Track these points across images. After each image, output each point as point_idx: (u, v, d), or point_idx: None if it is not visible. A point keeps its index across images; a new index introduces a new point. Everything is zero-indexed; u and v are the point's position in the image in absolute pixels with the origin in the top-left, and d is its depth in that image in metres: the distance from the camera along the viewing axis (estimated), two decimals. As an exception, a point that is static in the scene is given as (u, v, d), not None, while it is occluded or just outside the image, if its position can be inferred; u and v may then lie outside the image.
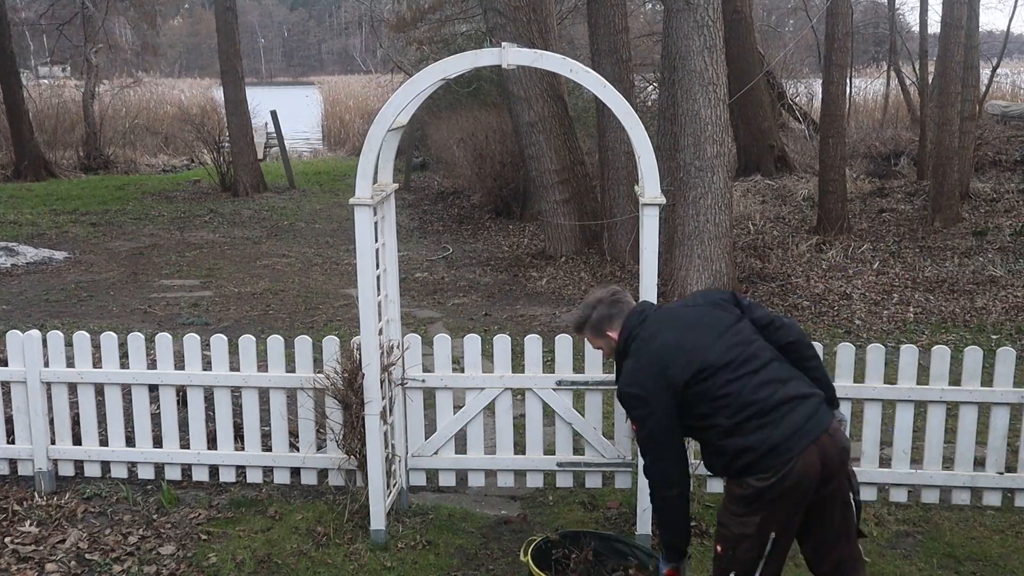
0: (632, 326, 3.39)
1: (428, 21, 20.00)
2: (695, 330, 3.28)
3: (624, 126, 4.25)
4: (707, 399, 3.18)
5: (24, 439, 5.31)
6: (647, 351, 3.27)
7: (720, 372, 3.17)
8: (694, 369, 3.18)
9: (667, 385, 3.19)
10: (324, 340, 5.04)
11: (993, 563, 4.50)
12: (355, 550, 4.60)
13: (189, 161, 22.38)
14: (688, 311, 3.38)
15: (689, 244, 9.03)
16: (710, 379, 3.17)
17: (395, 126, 4.56)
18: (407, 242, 12.85)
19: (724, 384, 3.16)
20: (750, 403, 3.14)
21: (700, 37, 8.66)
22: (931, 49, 16.40)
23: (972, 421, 4.95)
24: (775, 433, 3.10)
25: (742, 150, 15.88)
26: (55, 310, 9.30)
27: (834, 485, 3.21)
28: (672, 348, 3.24)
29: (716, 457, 3.25)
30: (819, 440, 3.12)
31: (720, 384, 3.16)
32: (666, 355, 3.23)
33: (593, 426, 4.95)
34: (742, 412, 3.13)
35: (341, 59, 75.38)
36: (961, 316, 8.77)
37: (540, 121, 11.34)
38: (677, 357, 3.21)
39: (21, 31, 26.32)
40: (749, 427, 3.12)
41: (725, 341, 3.24)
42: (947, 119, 12.32)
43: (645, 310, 3.45)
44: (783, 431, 3.10)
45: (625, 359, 3.37)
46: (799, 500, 3.13)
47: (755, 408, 3.13)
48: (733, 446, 3.15)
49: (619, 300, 3.50)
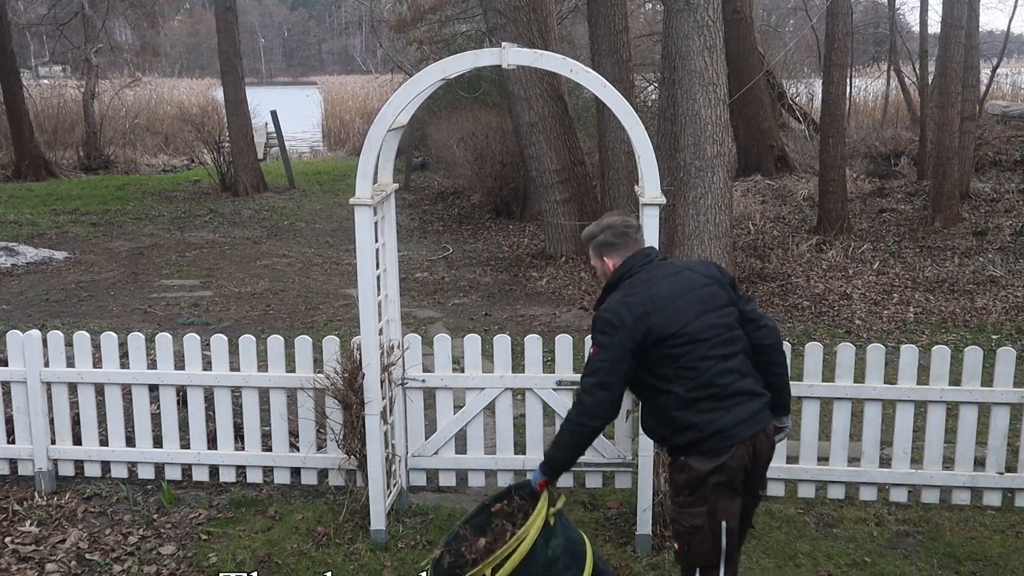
0: (633, 264, 3.42)
1: (428, 21, 20.00)
2: (690, 296, 3.32)
3: (624, 126, 4.26)
4: (673, 364, 3.25)
5: (24, 439, 5.31)
6: (640, 292, 3.30)
7: (696, 345, 3.24)
8: (674, 330, 3.24)
9: (643, 331, 3.23)
10: (324, 340, 5.04)
11: (993, 563, 4.50)
12: (355, 550, 4.60)
13: (189, 161, 22.38)
14: (691, 276, 3.39)
15: (689, 244, 9.02)
16: (684, 347, 3.24)
17: (395, 126, 4.56)
18: (407, 242, 12.85)
19: (696, 358, 3.24)
20: (711, 384, 3.23)
21: (700, 37, 8.66)
22: (931, 49, 16.40)
23: (972, 421, 4.95)
24: (723, 419, 3.22)
25: (742, 150, 15.87)
26: (55, 310, 9.30)
27: (753, 479, 3.35)
28: (664, 301, 3.28)
29: (662, 425, 3.34)
30: (756, 436, 3.27)
31: (692, 356, 3.24)
32: (656, 304, 3.27)
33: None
34: (701, 390, 3.23)
35: (341, 59, 75.36)
36: (961, 316, 8.77)
37: (540, 121, 11.35)
38: (665, 311, 3.26)
39: (21, 31, 26.30)
40: (703, 406, 3.23)
41: (711, 319, 3.30)
42: (947, 119, 12.32)
43: (651, 255, 3.47)
44: (731, 419, 3.22)
45: (614, 291, 3.39)
46: (736, 487, 3.26)
47: (714, 390, 3.23)
48: (682, 419, 3.25)
49: (627, 232, 3.50)
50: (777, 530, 4.80)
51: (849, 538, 4.73)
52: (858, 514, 4.97)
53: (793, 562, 4.52)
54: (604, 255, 3.50)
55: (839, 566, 4.48)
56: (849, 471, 5.04)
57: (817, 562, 4.51)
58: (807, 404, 5.00)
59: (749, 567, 4.46)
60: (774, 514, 4.95)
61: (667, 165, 9.03)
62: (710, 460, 3.21)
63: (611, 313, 3.27)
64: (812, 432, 5.03)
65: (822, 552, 4.60)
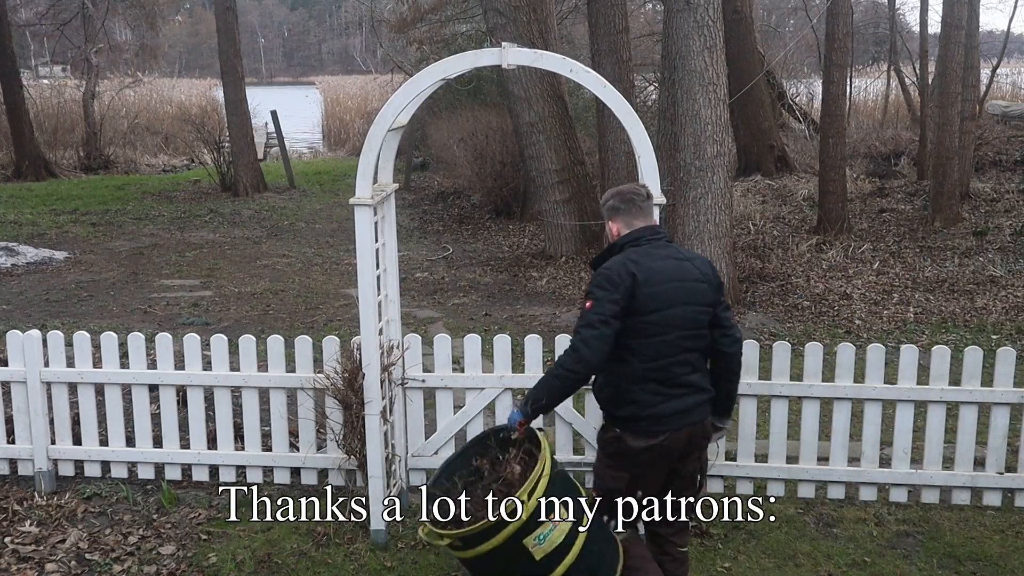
0: (641, 236, 3.59)
1: (428, 21, 19.99)
2: (680, 284, 3.51)
3: (624, 126, 4.26)
4: (642, 338, 3.45)
5: (24, 439, 5.31)
6: (640, 262, 3.48)
7: (666, 329, 3.46)
8: (653, 307, 3.44)
9: (634, 297, 3.42)
10: (324, 340, 5.04)
11: (993, 563, 4.50)
12: (355, 550, 4.60)
13: (189, 161, 22.39)
14: (688, 268, 3.56)
15: (689, 244, 9.02)
16: (655, 326, 3.45)
17: (395, 126, 4.56)
18: (407, 242, 12.85)
19: (660, 341, 3.46)
20: (665, 369, 3.47)
21: (700, 37, 8.66)
22: (931, 49, 16.41)
23: (972, 421, 4.95)
24: (663, 405, 3.47)
25: (742, 150, 15.88)
26: (55, 310, 9.30)
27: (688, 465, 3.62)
28: (657, 278, 3.47)
29: (610, 388, 3.55)
30: (693, 427, 3.54)
31: (658, 338, 3.46)
32: (650, 279, 3.45)
33: (593, 426, 4.93)
34: (654, 372, 3.46)
35: (341, 59, 75.36)
36: (961, 316, 8.77)
37: (540, 121, 11.35)
38: (653, 287, 3.45)
39: (21, 31, 26.30)
40: (649, 388, 3.46)
41: (688, 311, 3.50)
42: (947, 119, 12.32)
43: (660, 233, 3.64)
44: (670, 407, 3.48)
45: (617, 254, 3.57)
46: (662, 467, 3.57)
47: (664, 375, 3.47)
48: (628, 392, 3.49)
49: (633, 199, 3.66)
50: (777, 530, 4.80)
51: (849, 538, 4.73)
52: (858, 514, 4.97)
53: (793, 562, 4.52)
54: (611, 219, 3.69)
55: (839, 566, 4.48)
56: (849, 471, 5.04)
57: (817, 562, 4.51)
58: (807, 404, 5.00)
59: (749, 567, 4.47)
60: (774, 514, 4.95)
61: (667, 165, 9.03)
62: (643, 439, 3.47)
63: (612, 271, 3.46)
64: (812, 432, 5.03)
65: (822, 552, 4.60)
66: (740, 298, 9.28)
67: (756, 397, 4.99)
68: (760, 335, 8.18)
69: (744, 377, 4.91)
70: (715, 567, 4.46)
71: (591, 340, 3.39)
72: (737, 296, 9.23)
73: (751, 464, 5.08)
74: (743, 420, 5.03)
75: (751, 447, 5.07)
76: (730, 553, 4.58)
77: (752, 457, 5.08)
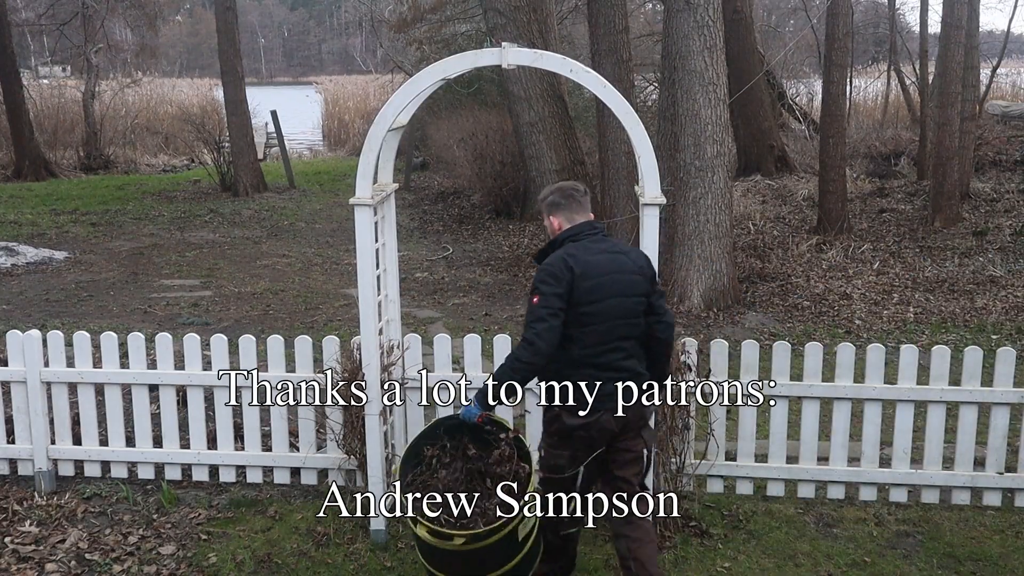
0: (580, 231, 3.86)
1: (428, 21, 20.00)
2: (616, 276, 3.76)
3: (624, 126, 4.26)
4: (580, 327, 3.70)
5: (24, 439, 5.31)
6: (580, 258, 3.73)
7: (603, 318, 3.71)
8: (591, 299, 3.69)
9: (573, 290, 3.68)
10: (324, 340, 5.04)
11: (993, 563, 4.50)
12: (355, 550, 4.60)
13: (189, 161, 22.38)
14: (623, 261, 3.82)
15: (689, 244, 9.03)
16: (595, 316, 3.69)
17: (395, 126, 4.56)
18: (407, 242, 12.85)
19: (597, 329, 3.70)
20: (601, 355, 3.72)
21: (700, 37, 8.66)
22: (931, 49, 16.41)
23: (972, 421, 4.95)
24: (599, 389, 3.70)
25: (742, 150, 15.87)
26: (55, 310, 9.30)
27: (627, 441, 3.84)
28: (595, 271, 3.72)
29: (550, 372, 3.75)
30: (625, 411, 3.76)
31: (595, 326, 3.70)
32: (588, 272, 3.70)
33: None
34: (591, 358, 3.71)
35: (341, 59, 75.36)
36: (961, 316, 8.77)
37: (540, 121, 11.35)
38: (591, 279, 3.70)
39: (21, 31, 26.30)
40: (586, 372, 3.71)
41: (625, 303, 3.75)
42: (947, 119, 12.32)
43: (598, 229, 3.90)
44: (604, 390, 3.71)
45: (558, 249, 3.82)
46: (598, 445, 3.79)
47: (600, 360, 3.72)
48: (566, 373, 3.72)
49: (572, 195, 3.92)
50: (777, 530, 4.81)
51: (849, 538, 4.73)
52: (858, 514, 4.97)
53: (793, 562, 4.52)
54: (551, 214, 3.95)
55: (839, 566, 4.48)
56: (849, 471, 5.04)
57: (817, 562, 4.51)
58: (807, 404, 5.00)
59: (749, 567, 4.47)
60: (774, 514, 4.95)
61: (667, 165, 9.03)
62: (578, 418, 3.72)
63: (554, 267, 3.71)
64: (812, 432, 5.03)
65: (822, 552, 4.60)
66: (740, 298, 9.28)
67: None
68: (760, 335, 8.18)
69: (744, 377, 4.93)
70: (715, 567, 4.46)
71: (544, 333, 3.62)
72: (737, 296, 9.23)
73: (751, 464, 5.08)
74: (743, 420, 5.03)
75: (751, 447, 5.07)
76: (730, 553, 4.58)
77: (752, 457, 5.08)
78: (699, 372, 4.77)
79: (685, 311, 8.89)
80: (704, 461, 4.90)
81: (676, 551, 4.59)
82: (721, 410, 4.95)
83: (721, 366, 4.92)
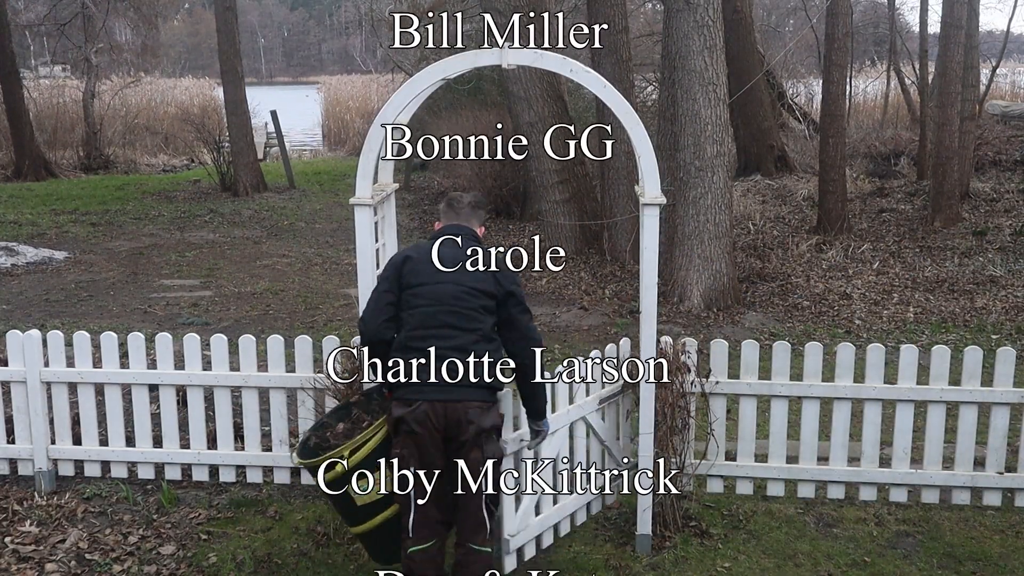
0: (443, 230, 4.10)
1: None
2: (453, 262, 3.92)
3: (624, 126, 4.26)
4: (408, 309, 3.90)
5: (24, 439, 5.31)
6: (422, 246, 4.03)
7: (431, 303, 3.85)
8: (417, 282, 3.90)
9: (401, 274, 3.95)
10: (324, 340, 5.04)
11: (993, 563, 4.50)
12: (355, 550, 4.60)
13: (189, 161, 22.37)
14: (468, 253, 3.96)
15: (689, 244, 9.03)
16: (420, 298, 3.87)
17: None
18: (407, 242, 12.78)
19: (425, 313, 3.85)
20: (425, 339, 3.83)
21: (700, 37, 8.67)
22: (931, 49, 16.40)
23: (972, 421, 4.95)
24: (417, 374, 3.80)
25: (742, 150, 15.88)
26: (55, 310, 9.30)
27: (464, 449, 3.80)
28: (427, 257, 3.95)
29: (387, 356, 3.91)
30: (445, 404, 3.76)
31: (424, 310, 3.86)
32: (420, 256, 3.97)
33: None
34: (416, 342, 3.83)
35: (341, 59, 75.31)
36: (961, 316, 8.77)
37: (540, 121, 11.33)
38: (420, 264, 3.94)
39: (21, 31, 26.28)
40: (411, 354, 3.83)
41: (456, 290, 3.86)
42: (947, 119, 12.32)
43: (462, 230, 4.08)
44: (420, 377, 3.79)
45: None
46: (428, 443, 3.77)
47: (421, 344, 3.82)
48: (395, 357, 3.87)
49: (452, 206, 4.17)
50: (777, 530, 4.81)
51: (849, 538, 4.74)
52: (858, 514, 4.97)
53: (793, 562, 4.52)
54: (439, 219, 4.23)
55: (839, 566, 4.48)
56: (849, 471, 5.04)
57: (817, 562, 4.51)
58: (807, 404, 5.00)
59: (749, 567, 4.47)
60: (774, 514, 4.96)
61: (667, 165, 9.03)
62: (401, 408, 3.79)
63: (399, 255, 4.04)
64: (812, 432, 5.03)
65: (822, 552, 4.60)
66: (740, 298, 9.28)
67: (756, 397, 4.99)
68: (760, 335, 8.18)
69: (744, 377, 4.93)
70: (715, 567, 4.46)
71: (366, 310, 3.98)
72: (737, 296, 9.23)
73: (751, 464, 5.08)
74: (743, 420, 5.03)
75: (751, 447, 5.07)
76: (730, 553, 4.58)
77: (752, 457, 5.09)
78: (699, 372, 4.78)
79: (685, 311, 8.89)
80: (704, 461, 4.91)
81: (676, 551, 4.59)
82: (721, 410, 4.95)
83: (721, 366, 4.92)
